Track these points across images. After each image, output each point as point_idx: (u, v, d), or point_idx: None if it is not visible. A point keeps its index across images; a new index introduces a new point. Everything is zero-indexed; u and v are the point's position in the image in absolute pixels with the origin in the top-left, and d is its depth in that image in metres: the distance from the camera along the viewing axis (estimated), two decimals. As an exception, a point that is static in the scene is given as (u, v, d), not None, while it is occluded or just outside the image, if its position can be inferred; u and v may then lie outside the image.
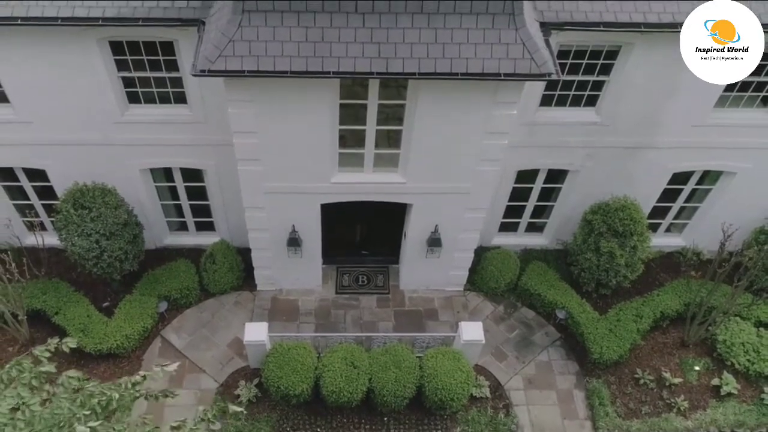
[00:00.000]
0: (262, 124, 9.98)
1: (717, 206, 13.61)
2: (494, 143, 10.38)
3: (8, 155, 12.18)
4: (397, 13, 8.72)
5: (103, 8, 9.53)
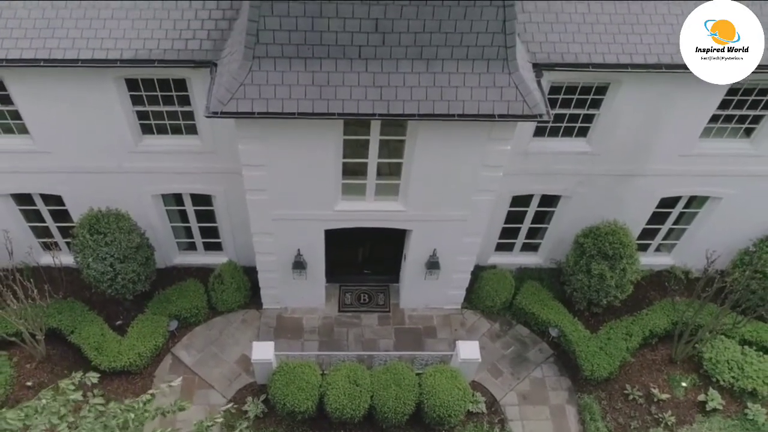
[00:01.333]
0: (270, 158, 10.57)
1: (704, 228, 14.20)
2: (490, 175, 10.97)
3: (27, 182, 12.77)
4: (398, 58, 9.30)
5: (120, 50, 10.12)
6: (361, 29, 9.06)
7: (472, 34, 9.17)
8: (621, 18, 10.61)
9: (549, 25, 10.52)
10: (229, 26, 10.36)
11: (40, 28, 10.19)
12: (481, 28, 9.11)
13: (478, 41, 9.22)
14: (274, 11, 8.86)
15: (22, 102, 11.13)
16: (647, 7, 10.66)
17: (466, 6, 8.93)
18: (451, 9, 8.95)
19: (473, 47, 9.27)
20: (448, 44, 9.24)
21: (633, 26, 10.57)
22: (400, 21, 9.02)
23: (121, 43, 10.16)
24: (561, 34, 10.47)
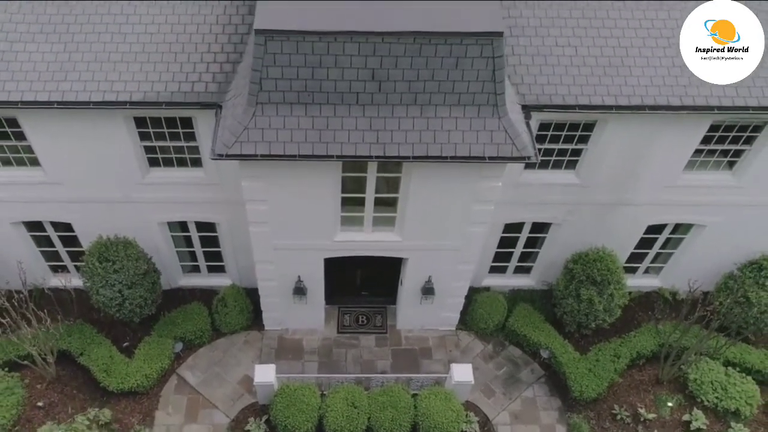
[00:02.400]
0: (272, 194, 11.10)
1: (690, 253, 14.73)
2: (482, 209, 11.50)
3: (38, 210, 13.28)
4: (394, 104, 9.83)
5: (130, 93, 10.64)
6: (358, 78, 9.59)
7: (463, 82, 9.69)
8: (606, 60, 11.13)
9: (538, 68, 11.05)
10: (233, 69, 10.88)
11: (54, 71, 10.72)
12: (472, 76, 9.64)
13: (470, 88, 9.75)
14: (277, 62, 9.38)
15: (35, 138, 11.65)
16: (631, 50, 11.19)
17: (457, 57, 9.45)
18: (444, 59, 9.47)
19: (465, 94, 9.80)
20: (440, 91, 9.76)
21: (618, 68, 11.09)
22: (396, 70, 9.55)
23: (130, 86, 10.69)
24: (549, 76, 11.00)
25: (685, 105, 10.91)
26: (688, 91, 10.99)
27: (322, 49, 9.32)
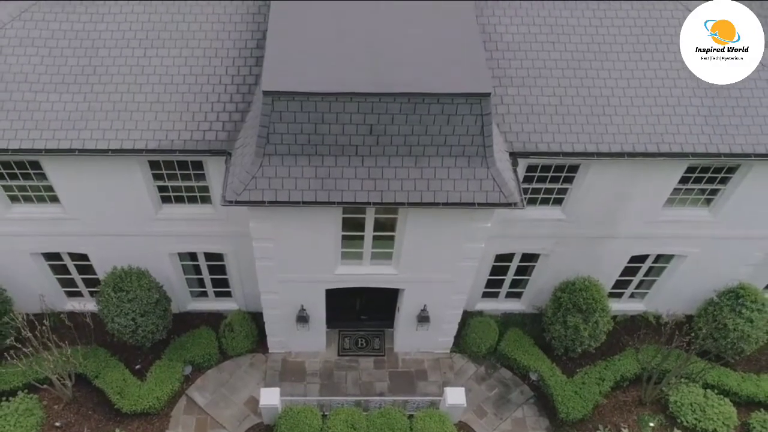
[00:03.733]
0: (277, 234, 11.92)
1: (672, 280, 15.55)
2: (472, 246, 12.32)
3: (56, 243, 14.11)
4: (390, 155, 10.65)
5: (145, 141, 11.47)
6: (357, 132, 10.42)
7: (455, 136, 10.51)
8: (588, 109, 11.97)
9: (525, 116, 11.88)
10: (241, 118, 11.72)
11: (75, 120, 11.56)
12: (463, 131, 10.46)
13: (460, 141, 10.57)
14: (283, 119, 10.21)
15: (55, 179, 12.48)
16: (612, 99, 12.03)
17: (449, 114, 10.28)
18: (436, 117, 10.30)
19: (456, 146, 10.62)
20: (433, 144, 10.59)
21: (599, 117, 11.93)
22: (392, 126, 10.37)
23: (146, 134, 11.52)
24: (535, 125, 11.83)
25: (661, 152, 11.75)
26: (664, 138, 11.84)
27: (324, 108, 10.15)
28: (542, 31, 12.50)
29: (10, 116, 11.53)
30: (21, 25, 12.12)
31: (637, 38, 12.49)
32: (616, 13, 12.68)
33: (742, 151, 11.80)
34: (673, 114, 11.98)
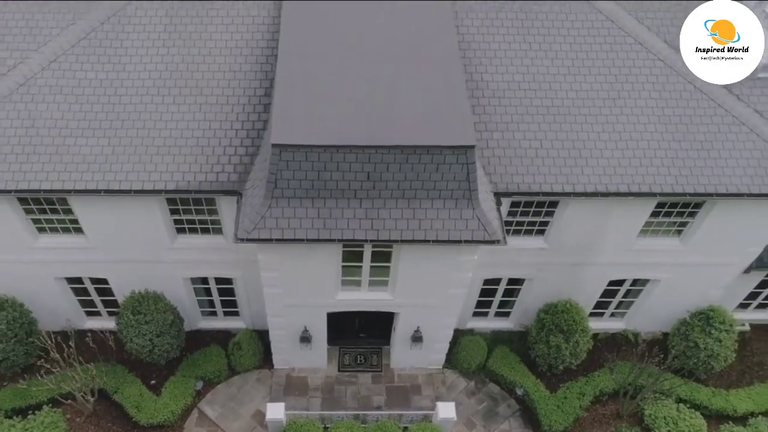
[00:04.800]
0: (283, 265, 13.13)
1: (648, 301, 16.76)
2: (460, 276, 13.53)
3: (79, 269, 15.34)
4: (385, 198, 11.84)
5: (165, 182, 12.67)
6: (356, 178, 11.61)
7: (443, 181, 11.71)
8: (566, 152, 13.17)
9: (508, 159, 13.08)
10: (251, 161, 12.92)
11: (100, 162, 12.76)
12: (450, 177, 11.65)
13: (448, 186, 11.76)
14: (289, 167, 11.41)
15: (81, 213, 13.68)
16: (587, 143, 13.23)
17: (438, 163, 11.48)
18: (426, 165, 11.50)
19: (444, 190, 11.81)
20: (424, 188, 11.78)
21: (576, 159, 13.13)
22: (387, 173, 11.57)
23: (164, 176, 12.72)
24: (517, 167, 13.03)
25: (631, 191, 12.95)
26: (634, 179, 13.04)
27: (326, 158, 11.35)
28: (525, 80, 13.70)
29: (42, 159, 12.73)
30: (50, 74, 13.32)
31: (611, 86, 13.70)
32: (593, 62, 13.88)
33: (705, 190, 13.00)
34: (642, 156, 13.18)
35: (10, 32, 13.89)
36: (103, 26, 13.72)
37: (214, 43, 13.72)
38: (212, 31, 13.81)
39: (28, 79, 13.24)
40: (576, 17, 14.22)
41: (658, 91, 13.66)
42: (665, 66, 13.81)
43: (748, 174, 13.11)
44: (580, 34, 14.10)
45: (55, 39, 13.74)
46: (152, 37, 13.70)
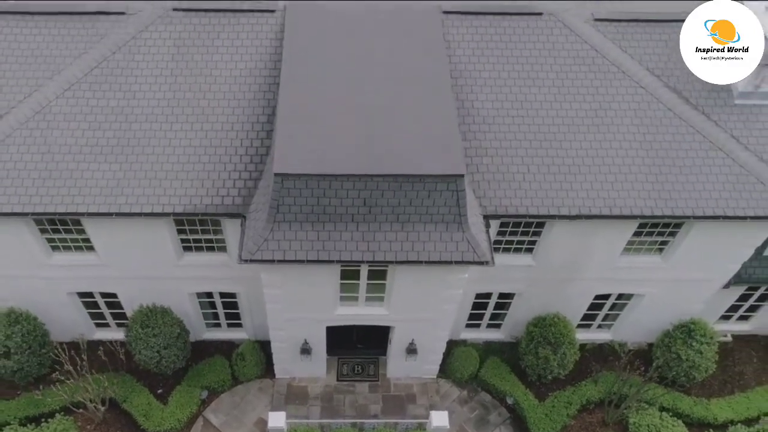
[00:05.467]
0: (285, 283, 13.90)
1: (633, 314, 17.53)
2: (452, 293, 14.31)
3: (90, 284, 16.12)
4: (381, 222, 12.61)
5: (173, 206, 13.44)
6: (353, 204, 12.38)
7: (434, 207, 12.48)
8: (552, 177, 13.92)
9: (497, 183, 13.85)
10: (255, 185, 13.68)
11: (112, 186, 13.52)
12: (441, 203, 12.43)
13: (439, 211, 12.53)
14: (290, 194, 12.18)
15: (93, 233, 14.45)
16: (572, 167, 13.99)
17: (429, 190, 12.25)
18: (419, 192, 12.27)
19: (436, 215, 12.58)
20: (417, 213, 12.55)
21: (561, 183, 13.89)
22: (382, 199, 12.34)
23: (173, 200, 13.48)
24: (506, 190, 13.79)
25: (613, 214, 13.71)
26: (616, 202, 13.80)
27: (325, 185, 12.13)
28: (513, 107, 14.47)
29: (57, 183, 13.50)
30: (65, 102, 14.08)
31: (595, 112, 14.46)
32: (578, 90, 14.65)
33: (683, 213, 13.77)
34: (624, 180, 13.94)
35: (26, 60, 14.66)
36: (114, 55, 14.48)
37: (219, 72, 14.48)
38: (217, 60, 14.57)
39: (44, 106, 13.99)
40: (562, 46, 14.99)
41: (640, 118, 14.43)
42: (646, 93, 14.60)
43: (723, 197, 13.87)
44: (566, 63, 14.86)
45: (68, 67, 14.50)
46: (161, 66, 14.46)
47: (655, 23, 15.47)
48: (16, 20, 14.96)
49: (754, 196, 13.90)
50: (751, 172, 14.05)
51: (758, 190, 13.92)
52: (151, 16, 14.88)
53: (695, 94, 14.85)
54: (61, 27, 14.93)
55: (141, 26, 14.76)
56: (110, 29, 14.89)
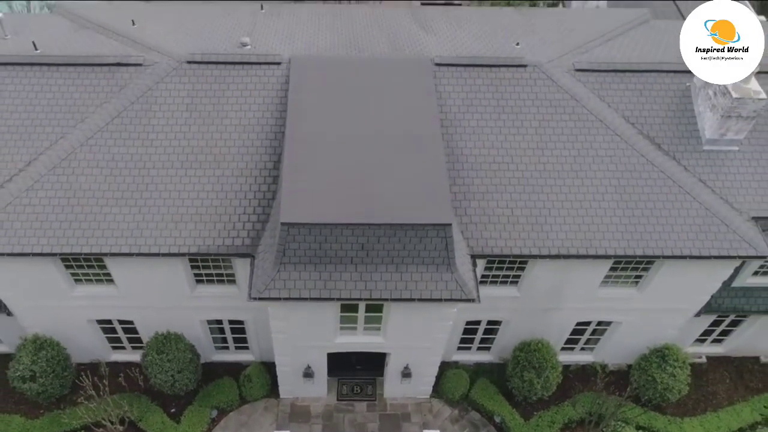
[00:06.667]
0: (290, 316, 15.22)
1: (613, 339, 18.85)
2: (442, 324, 15.63)
3: (109, 312, 17.44)
4: (377, 263, 13.91)
5: (188, 246, 14.75)
6: (352, 248, 13.69)
7: (425, 251, 13.79)
8: (534, 219, 15.23)
9: (483, 225, 15.15)
10: (263, 227, 14.99)
11: (132, 229, 14.83)
12: (432, 247, 13.73)
13: (430, 254, 13.84)
14: (295, 240, 13.49)
15: (113, 269, 15.77)
16: (552, 211, 15.30)
17: (421, 237, 13.56)
18: (411, 238, 13.58)
19: (427, 257, 13.89)
20: (409, 256, 13.85)
21: (542, 225, 15.19)
22: (378, 244, 13.65)
23: (188, 241, 14.79)
24: (491, 232, 15.09)
25: (589, 254, 15.01)
26: (592, 243, 15.10)
27: (326, 232, 13.44)
28: (499, 153, 15.77)
29: (82, 225, 14.80)
30: (88, 149, 15.39)
31: (574, 159, 15.77)
32: (558, 138, 15.96)
33: (653, 253, 15.08)
34: (600, 223, 15.25)
35: (51, 109, 15.98)
36: (132, 106, 15.78)
37: (229, 121, 15.79)
38: (228, 110, 15.88)
39: (69, 154, 15.30)
40: (545, 96, 16.30)
41: (615, 164, 15.74)
42: (621, 141, 15.92)
43: (690, 238, 15.18)
44: (548, 112, 16.17)
45: (91, 116, 15.82)
46: (176, 116, 15.77)
47: (631, 73, 16.84)
48: (42, 71, 16.28)
49: (719, 237, 15.22)
50: (716, 214, 15.36)
51: (722, 231, 15.24)
52: (166, 69, 16.19)
53: (667, 141, 16.26)
54: (84, 77, 16.25)
55: (157, 78, 16.06)
56: (129, 80, 16.20)
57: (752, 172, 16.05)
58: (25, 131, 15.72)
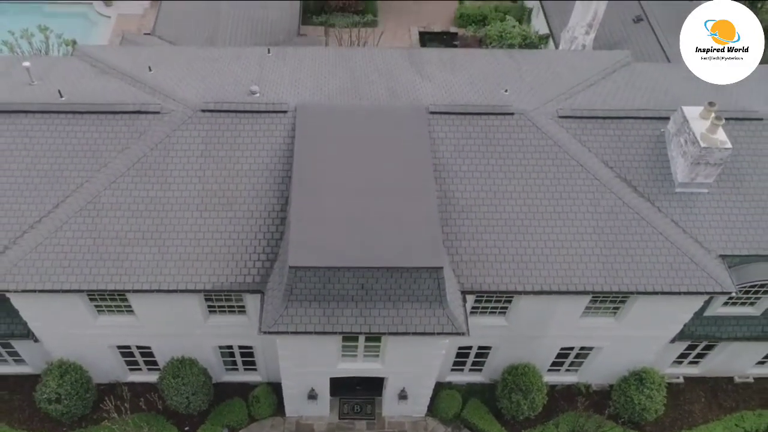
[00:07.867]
0: (296, 346, 16.64)
1: (595, 362, 20.28)
2: (435, 353, 17.06)
3: (129, 339, 18.88)
4: (375, 301, 15.34)
5: (203, 284, 16.18)
6: (353, 288, 15.11)
7: (419, 290, 15.21)
8: (519, 258, 16.65)
9: (473, 263, 16.57)
10: (271, 266, 16.41)
11: (152, 267, 16.24)
12: (425, 287, 15.16)
13: (423, 293, 15.26)
14: (302, 281, 14.92)
15: (134, 303, 17.20)
16: (536, 250, 16.72)
17: (415, 278, 14.99)
18: (406, 279, 15.01)
19: (420, 295, 15.31)
20: (405, 294, 15.27)
21: (527, 263, 16.60)
22: (377, 284, 15.08)
23: (203, 278, 16.22)
24: (480, 269, 16.51)
25: (569, 290, 16.43)
26: (572, 280, 16.52)
27: (330, 274, 14.87)
28: (488, 196, 17.19)
29: (107, 264, 16.22)
30: (111, 193, 16.81)
31: (556, 201, 17.18)
32: (542, 181, 17.37)
33: (627, 289, 16.49)
34: (579, 261, 16.66)
35: (77, 154, 17.39)
36: (152, 151, 17.21)
37: (240, 166, 17.21)
38: (239, 156, 17.29)
39: (94, 197, 16.71)
40: (530, 142, 17.72)
41: (594, 206, 17.16)
42: (600, 184, 17.34)
43: (662, 275, 16.60)
44: (533, 157, 17.59)
45: (113, 161, 17.24)
46: (191, 161, 17.18)
47: (610, 120, 18.27)
48: (68, 118, 17.70)
49: (689, 275, 16.63)
50: (686, 253, 16.79)
51: (692, 269, 16.66)
52: (182, 117, 17.61)
53: (642, 183, 17.68)
54: (106, 124, 17.67)
55: (174, 125, 17.49)
56: (148, 127, 17.62)
57: (720, 213, 17.47)
58: (53, 175, 17.14)
